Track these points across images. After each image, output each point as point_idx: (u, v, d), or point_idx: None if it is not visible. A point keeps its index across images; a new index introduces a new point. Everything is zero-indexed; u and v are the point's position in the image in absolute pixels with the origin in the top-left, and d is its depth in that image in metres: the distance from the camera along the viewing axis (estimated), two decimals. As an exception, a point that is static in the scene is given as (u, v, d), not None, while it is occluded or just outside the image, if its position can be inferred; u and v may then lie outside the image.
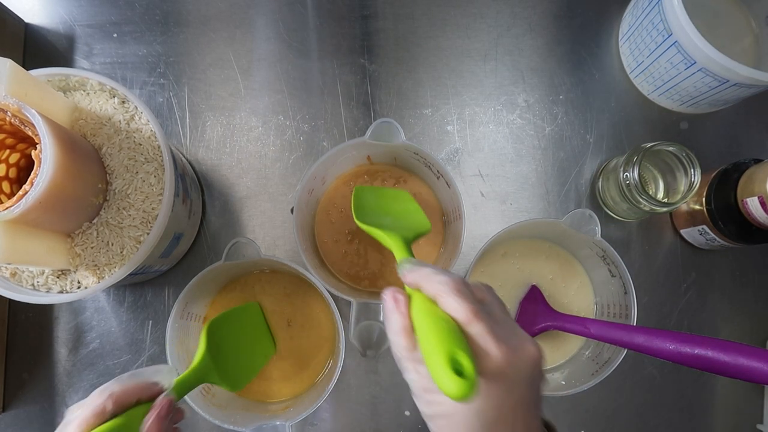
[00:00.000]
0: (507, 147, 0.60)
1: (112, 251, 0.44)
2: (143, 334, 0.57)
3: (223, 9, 0.62)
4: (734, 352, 0.35)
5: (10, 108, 0.37)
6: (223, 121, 0.60)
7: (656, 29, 0.53)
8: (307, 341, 0.54)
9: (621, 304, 0.50)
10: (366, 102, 0.60)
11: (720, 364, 0.36)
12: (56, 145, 0.37)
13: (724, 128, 0.60)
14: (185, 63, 0.61)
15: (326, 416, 0.56)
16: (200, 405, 0.46)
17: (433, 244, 0.54)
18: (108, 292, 0.58)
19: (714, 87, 0.53)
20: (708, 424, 0.57)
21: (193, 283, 0.48)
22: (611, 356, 0.48)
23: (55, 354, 0.57)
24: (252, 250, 0.48)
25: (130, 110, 0.47)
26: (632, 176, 0.51)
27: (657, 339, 0.39)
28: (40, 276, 0.44)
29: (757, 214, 0.47)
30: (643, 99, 0.61)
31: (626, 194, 0.53)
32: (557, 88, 0.61)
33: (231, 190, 0.59)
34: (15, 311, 0.57)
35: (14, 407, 0.56)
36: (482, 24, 0.62)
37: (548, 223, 0.51)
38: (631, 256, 0.59)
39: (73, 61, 0.61)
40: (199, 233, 0.59)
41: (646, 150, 0.51)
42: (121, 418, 0.33)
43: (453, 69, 0.61)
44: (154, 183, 0.45)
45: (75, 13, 0.61)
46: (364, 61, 0.61)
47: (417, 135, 0.60)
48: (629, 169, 0.52)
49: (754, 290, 0.59)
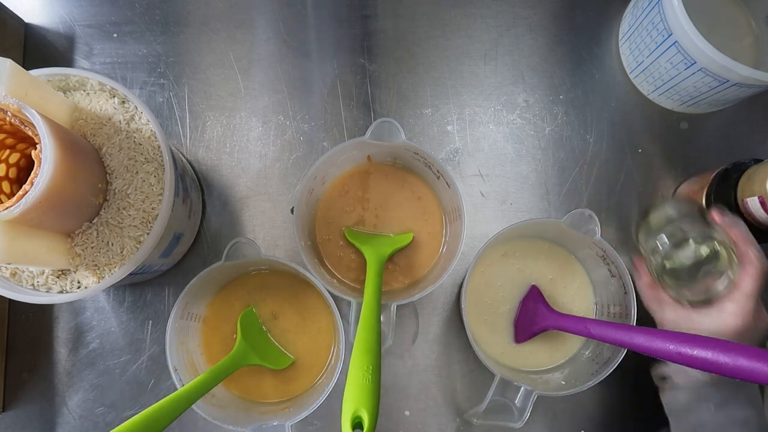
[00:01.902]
0: (507, 147, 0.60)
1: (112, 251, 0.44)
2: (143, 334, 0.57)
3: (223, 9, 0.62)
4: (734, 353, 0.35)
5: (10, 108, 0.37)
6: (223, 121, 0.60)
7: (656, 29, 0.53)
8: (307, 341, 0.54)
9: (621, 304, 0.50)
10: (366, 102, 0.60)
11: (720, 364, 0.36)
12: (56, 145, 0.37)
13: (724, 128, 0.60)
14: (185, 63, 0.61)
15: (326, 416, 0.56)
16: (200, 405, 0.46)
17: (433, 244, 0.54)
18: (108, 292, 0.58)
19: (714, 87, 0.53)
20: (708, 424, 0.57)
21: (193, 283, 0.48)
22: (611, 356, 0.48)
23: (55, 354, 0.57)
24: (252, 250, 0.48)
25: (130, 110, 0.47)
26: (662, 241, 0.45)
27: (657, 339, 0.39)
28: (40, 276, 0.44)
29: (757, 214, 0.47)
30: (643, 99, 0.61)
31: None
32: (557, 88, 0.61)
33: (231, 190, 0.59)
34: (15, 311, 0.57)
35: (14, 407, 0.56)
36: (482, 24, 0.62)
37: (548, 223, 0.51)
38: (631, 256, 0.58)
39: (73, 61, 0.61)
40: (199, 233, 0.59)
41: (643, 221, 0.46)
42: None
43: (453, 69, 0.61)
44: (154, 183, 0.45)
45: (75, 13, 0.61)
46: (364, 61, 0.61)
47: (417, 135, 0.60)
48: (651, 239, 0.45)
49: (754, 290, 0.59)
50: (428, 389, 0.57)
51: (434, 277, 0.49)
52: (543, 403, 0.56)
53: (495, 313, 0.54)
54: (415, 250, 0.54)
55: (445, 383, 0.57)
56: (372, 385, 0.36)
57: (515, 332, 0.53)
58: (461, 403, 0.57)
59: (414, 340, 0.57)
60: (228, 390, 0.53)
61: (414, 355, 0.57)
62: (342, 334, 0.48)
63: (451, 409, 0.57)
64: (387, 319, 0.47)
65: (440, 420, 0.56)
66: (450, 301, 0.58)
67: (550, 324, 0.50)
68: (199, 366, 0.52)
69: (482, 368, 0.56)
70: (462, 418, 0.56)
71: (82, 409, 0.56)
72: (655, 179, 0.60)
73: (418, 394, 0.57)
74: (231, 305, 0.54)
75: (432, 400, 0.57)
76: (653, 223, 0.47)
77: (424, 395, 0.57)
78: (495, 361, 0.53)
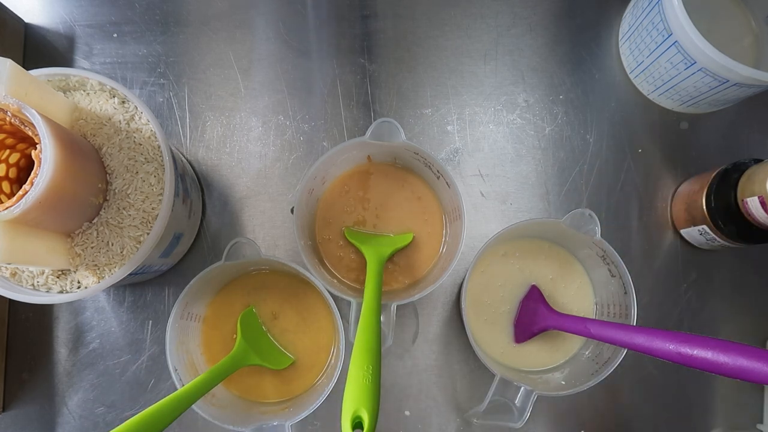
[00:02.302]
0: (507, 147, 0.60)
1: (112, 251, 0.44)
2: (143, 334, 0.57)
3: (223, 9, 0.62)
4: (734, 353, 0.35)
5: (10, 108, 0.37)
6: (223, 121, 0.60)
7: (656, 29, 0.53)
8: (307, 341, 0.54)
9: (621, 304, 0.50)
10: (366, 102, 0.60)
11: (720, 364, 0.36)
12: (56, 145, 0.37)
13: (724, 128, 0.60)
14: (185, 63, 0.61)
15: (326, 416, 0.56)
16: (200, 405, 0.46)
17: (434, 244, 0.54)
18: (108, 292, 0.58)
19: (714, 87, 0.53)
20: (708, 424, 0.57)
21: (193, 283, 0.48)
22: (611, 356, 0.48)
23: (55, 354, 0.57)
24: (252, 250, 0.48)
25: (130, 110, 0.47)
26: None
27: (657, 339, 0.39)
28: (40, 276, 0.44)
29: (757, 214, 0.47)
30: (643, 99, 0.61)
31: None
32: (557, 88, 0.61)
33: (231, 190, 0.59)
34: (15, 311, 0.57)
35: (14, 407, 0.56)
36: (482, 24, 0.62)
37: (548, 223, 0.51)
38: (631, 256, 0.59)
39: (73, 61, 0.61)
40: (199, 233, 0.59)
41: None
42: None
43: (453, 69, 0.61)
44: (154, 183, 0.45)
45: (75, 13, 0.61)
46: (364, 61, 0.61)
47: (417, 135, 0.60)
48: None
49: (754, 290, 0.59)
50: (428, 389, 0.57)
51: (434, 277, 0.49)
52: (543, 403, 0.56)
53: (495, 313, 0.54)
54: (415, 250, 0.54)
55: (445, 383, 0.57)
56: (372, 385, 0.36)
57: (515, 332, 0.53)
58: (461, 403, 0.57)
59: (414, 340, 0.57)
60: (228, 390, 0.53)
61: (414, 355, 0.57)
62: (342, 334, 0.48)
63: (451, 409, 0.57)
64: (387, 319, 0.47)
65: (440, 420, 0.56)
66: (450, 301, 0.58)
67: (550, 324, 0.50)
68: (199, 366, 0.52)
69: (482, 368, 0.56)
70: (462, 418, 0.56)
71: (82, 409, 0.56)
72: (655, 179, 0.60)
73: (418, 394, 0.57)
74: (231, 305, 0.54)
75: (432, 400, 0.57)
76: None
77: (424, 395, 0.57)
78: (495, 361, 0.53)
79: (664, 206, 0.60)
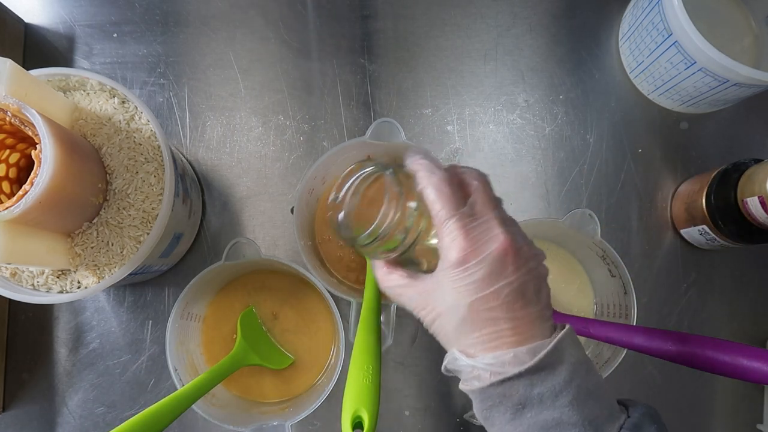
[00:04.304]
0: (507, 147, 0.60)
1: (112, 251, 0.44)
2: (143, 334, 0.57)
3: (223, 9, 0.62)
4: (734, 352, 0.35)
5: (10, 108, 0.38)
6: (223, 121, 0.60)
7: (656, 29, 0.53)
8: (307, 341, 0.54)
9: (621, 304, 0.50)
10: (366, 102, 0.60)
11: (720, 364, 0.36)
12: (56, 145, 0.37)
13: (724, 128, 0.60)
14: (185, 63, 0.61)
15: (326, 416, 0.56)
16: (200, 405, 0.46)
17: (433, 244, 0.54)
18: (108, 292, 0.58)
19: (714, 87, 0.53)
20: (708, 424, 0.57)
21: (193, 283, 0.48)
22: (611, 356, 0.48)
23: (55, 354, 0.57)
24: (252, 250, 0.48)
25: (130, 110, 0.47)
26: None
27: (657, 339, 0.39)
28: (40, 276, 0.44)
29: (757, 214, 0.47)
30: (643, 99, 0.61)
31: None
32: (557, 88, 0.61)
33: (231, 190, 0.59)
34: (15, 311, 0.57)
35: (14, 407, 0.56)
36: (482, 24, 0.62)
37: (548, 223, 0.51)
38: (631, 256, 0.58)
39: (73, 61, 0.61)
40: (199, 233, 0.58)
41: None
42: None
43: (453, 69, 0.61)
44: (154, 183, 0.45)
45: (75, 13, 0.61)
46: (364, 61, 0.61)
47: (417, 135, 0.60)
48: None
49: (754, 290, 0.59)
50: (428, 389, 0.57)
51: (434, 277, 0.49)
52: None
53: (495, 313, 0.54)
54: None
55: (444, 383, 0.57)
56: (372, 385, 0.36)
57: (515, 332, 0.53)
58: (461, 404, 0.57)
59: (414, 341, 0.57)
60: (228, 390, 0.53)
61: (414, 355, 0.57)
62: (342, 334, 0.48)
63: (450, 409, 0.57)
64: (387, 319, 0.47)
65: (440, 420, 0.56)
66: (450, 301, 0.58)
67: (550, 324, 0.50)
68: (199, 366, 0.52)
69: (482, 368, 0.56)
70: (462, 418, 0.56)
71: (82, 409, 0.56)
72: (655, 179, 0.60)
73: (418, 395, 0.57)
74: (231, 305, 0.54)
75: (432, 401, 0.57)
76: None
77: (424, 395, 0.57)
78: (495, 361, 0.53)
79: (664, 206, 0.60)
